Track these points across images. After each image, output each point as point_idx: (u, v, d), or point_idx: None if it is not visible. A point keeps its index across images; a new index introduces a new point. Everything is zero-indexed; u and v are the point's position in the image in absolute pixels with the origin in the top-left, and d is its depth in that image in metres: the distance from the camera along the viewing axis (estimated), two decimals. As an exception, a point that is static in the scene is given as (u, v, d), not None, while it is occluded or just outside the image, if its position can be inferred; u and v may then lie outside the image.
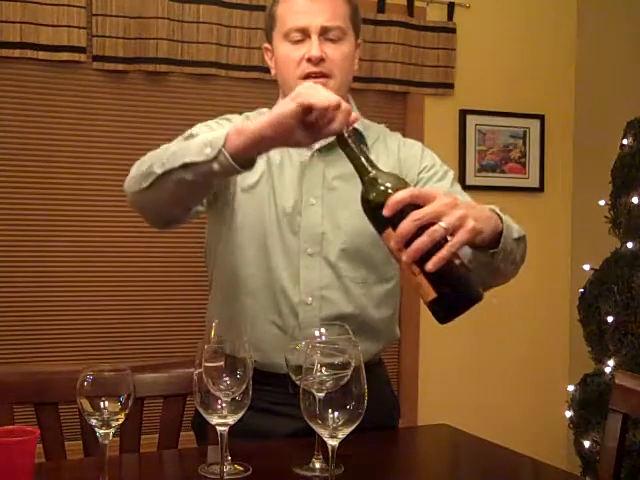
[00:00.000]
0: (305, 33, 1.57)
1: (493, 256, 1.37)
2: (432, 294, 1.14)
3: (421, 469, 1.59)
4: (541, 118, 3.61)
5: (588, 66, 3.62)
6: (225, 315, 1.61)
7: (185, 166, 1.36)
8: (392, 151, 1.69)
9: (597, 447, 2.69)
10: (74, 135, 2.90)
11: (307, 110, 1.25)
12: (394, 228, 1.15)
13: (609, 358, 2.79)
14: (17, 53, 2.74)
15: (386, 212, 1.15)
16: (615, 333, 2.76)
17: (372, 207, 1.19)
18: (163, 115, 3.00)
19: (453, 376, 3.43)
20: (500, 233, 1.37)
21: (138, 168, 1.47)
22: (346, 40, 1.60)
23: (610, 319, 2.77)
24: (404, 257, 1.14)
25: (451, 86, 3.42)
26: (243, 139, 1.30)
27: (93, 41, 2.83)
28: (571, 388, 2.97)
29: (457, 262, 1.15)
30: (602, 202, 2.93)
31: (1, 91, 2.81)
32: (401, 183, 1.19)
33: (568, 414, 2.93)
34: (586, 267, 3.00)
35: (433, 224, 1.13)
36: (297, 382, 1.29)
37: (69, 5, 2.77)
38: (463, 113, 3.47)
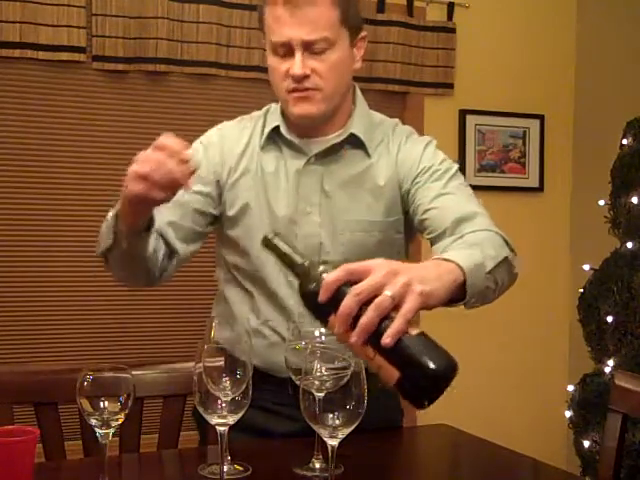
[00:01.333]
0: (289, 47, 1.49)
1: (465, 305, 1.26)
2: (395, 374, 1.01)
3: (421, 469, 1.59)
4: (541, 118, 3.61)
5: (588, 66, 3.62)
6: (226, 318, 1.62)
7: (108, 250, 1.46)
8: (392, 154, 1.61)
9: (597, 447, 2.69)
10: (74, 135, 2.90)
11: (140, 179, 1.25)
12: (336, 312, 1.03)
13: (609, 358, 2.79)
14: (17, 53, 2.74)
15: (322, 297, 1.04)
16: (615, 333, 2.76)
17: (309, 298, 1.07)
18: (163, 115, 3.00)
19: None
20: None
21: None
22: (335, 49, 1.50)
23: (610, 319, 2.77)
24: (352, 338, 1.01)
25: (451, 86, 3.42)
26: (122, 209, 1.35)
27: (93, 41, 2.83)
28: (571, 388, 2.97)
29: (415, 332, 1.02)
30: (602, 202, 2.93)
31: (1, 91, 2.81)
32: (334, 266, 1.08)
33: (568, 414, 2.93)
34: (586, 267, 3.00)
35: (377, 297, 1.02)
36: (297, 382, 1.30)
37: (69, 5, 2.77)
38: (463, 113, 3.47)
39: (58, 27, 2.76)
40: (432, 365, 1.00)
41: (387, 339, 1.00)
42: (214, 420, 1.24)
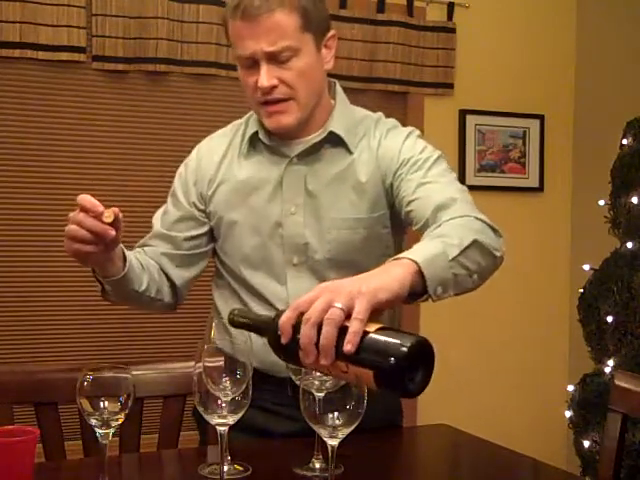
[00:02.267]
0: (253, 60, 1.49)
1: (433, 296, 1.21)
2: (370, 374, 1.01)
3: (421, 469, 1.59)
4: (541, 118, 3.61)
5: (588, 66, 3.62)
6: (223, 322, 1.62)
7: (102, 292, 1.58)
8: (372, 149, 1.59)
9: (597, 447, 2.69)
10: (74, 135, 2.90)
11: (69, 239, 1.34)
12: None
13: (609, 358, 2.79)
14: (17, 53, 2.74)
15: (283, 340, 1.06)
16: (615, 333, 2.76)
17: (276, 346, 1.09)
18: (163, 115, 3.00)
19: (453, 376, 3.43)
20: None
21: None
22: (300, 54, 1.49)
23: (610, 319, 2.77)
24: (323, 361, 1.02)
25: (451, 86, 3.42)
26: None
27: (93, 41, 2.83)
28: (571, 388, 2.97)
29: (374, 328, 1.02)
30: (602, 202, 2.93)
31: (1, 91, 2.81)
32: None
33: (568, 414, 2.93)
34: (586, 267, 3.00)
35: None
36: (297, 382, 1.30)
37: (69, 5, 2.77)
38: (463, 113, 3.47)
39: (58, 27, 2.76)
40: (398, 347, 1.00)
41: (347, 346, 1.00)
42: (214, 420, 1.24)
